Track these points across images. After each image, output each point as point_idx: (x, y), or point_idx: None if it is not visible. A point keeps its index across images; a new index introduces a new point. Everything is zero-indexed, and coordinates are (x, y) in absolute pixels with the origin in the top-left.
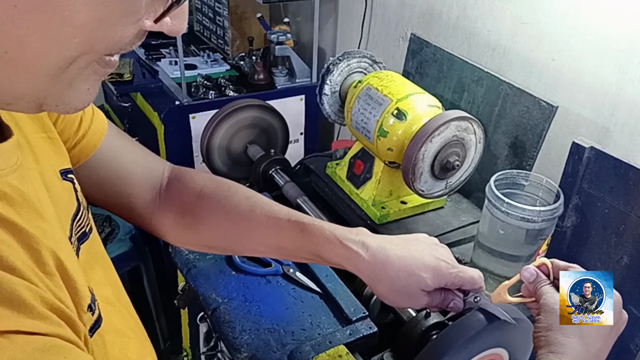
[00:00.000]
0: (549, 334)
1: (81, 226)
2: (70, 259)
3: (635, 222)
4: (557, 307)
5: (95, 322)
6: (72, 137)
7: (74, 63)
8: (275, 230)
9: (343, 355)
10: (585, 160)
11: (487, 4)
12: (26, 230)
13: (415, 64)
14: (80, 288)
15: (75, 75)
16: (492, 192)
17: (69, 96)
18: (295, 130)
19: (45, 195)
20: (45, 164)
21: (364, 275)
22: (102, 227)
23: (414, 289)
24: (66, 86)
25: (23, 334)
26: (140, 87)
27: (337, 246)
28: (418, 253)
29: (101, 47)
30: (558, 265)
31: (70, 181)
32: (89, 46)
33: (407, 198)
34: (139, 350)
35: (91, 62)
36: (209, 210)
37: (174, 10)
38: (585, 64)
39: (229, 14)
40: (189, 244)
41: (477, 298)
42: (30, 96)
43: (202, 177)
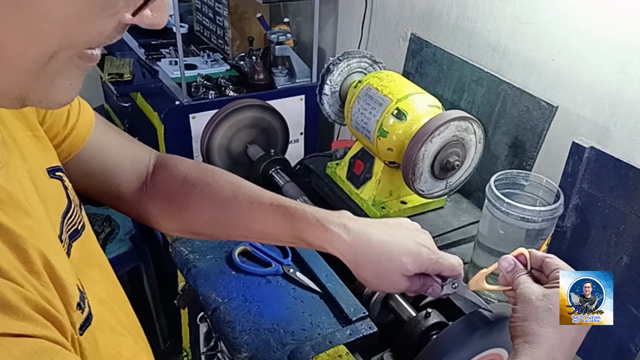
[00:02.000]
0: (525, 324)
1: (72, 224)
2: (59, 258)
3: (635, 222)
4: (534, 297)
5: (86, 320)
6: (60, 131)
7: (54, 58)
8: (259, 215)
9: (343, 355)
10: (585, 160)
11: (487, 4)
12: (12, 230)
13: (415, 64)
14: (68, 286)
15: (57, 71)
16: (492, 192)
17: (51, 92)
18: (295, 130)
19: (33, 194)
20: (33, 162)
21: (345, 258)
22: (102, 227)
23: (394, 274)
24: (48, 82)
25: (10, 336)
26: (140, 87)
27: (319, 229)
28: (400, 238)
29: (80, 42)
30: (535, 256)
31: (59, 179)
32: (68, 41)
33: (407, 198)
34: (133, 347)
35: (72, 57)
36: (194, 197)
37: (154, 3)
38: (585, 64)
39: (229, 14)
40: (176, 231)
41: (455, 285)
42: (12, 92)
43: (186, 165)
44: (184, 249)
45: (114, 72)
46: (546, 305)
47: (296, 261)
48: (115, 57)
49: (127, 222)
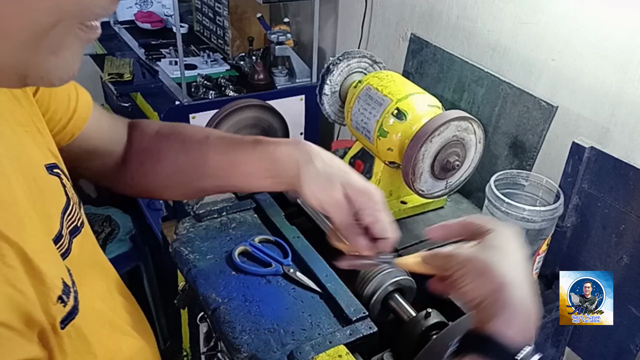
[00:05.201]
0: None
1: (72, 220)
2: (42, 250)
3: (635, 222)
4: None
5: (69, 314)
6: (64, 115)
7: (54, 30)
8: (230, 151)
9: (343, 355)
10: (585, 160)
11: (487, 4)
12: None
13: (415, 64)
14: (47, 280)
15: (58, 43)
16: (492, 192)
17: (53, 66)
18: (295, 130)
19: (20, 188)
20: (34, 156)
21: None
22: (102, 227)
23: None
24: (49, 55)
25: None
26: (140, 87)
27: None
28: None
29: (75, 11)
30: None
31: (56, 176)
32: (60, 10)
33: (407, 198)
34: (136, 343)
35: (72, 28)
36: (166, 148)
37: None
38: (585, 64)
39: (229, 14)
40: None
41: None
42: (11, 68)
43: (157, 123)
44: (184, 249)
45: (114, 72)
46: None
47: (296, 261)
48: (115, 57)
49: (127, 222)
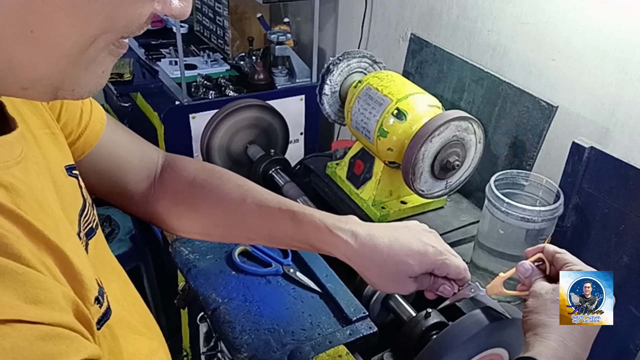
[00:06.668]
0: (534, 317)
1: (88, 222)
2: (77, 252)
3: (635, 222)
4: (543, 291)
5: (104, 315)
6: (75, 129)
7: (94, 44)
8: (266, 219)
9: (343, 355)
10: (585, 160)
11: (487, 4)
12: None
13: (415, 64)
14: (86, 280)
15: (93, 57)
16: (492, 192)
17: (85, 79)
18: (295, 130)
19: (50, 190)
20: (51, 159)
21: (353, 263)
22: (102, 227)
23: (401, 276)
24: (83, 68)
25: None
26: (140, 87)
27: (327, 234)
28: (406, 240)
29: (121, 26)
30: (548, 250)
31: (75, 177)
32: (111, 24)
33: (407, 198)
34: (150, 345)
35: (109, 43)
36: (202, 199)
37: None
38: (585, 64)
39: (229, 14)
40: (183, 232)
41: (472, 288)
42: (48, 79)
43: (194, 166)
44: (184, 249)
45: (114, 72)
46: (554, 297)
47: (296, 261)
48: None
49: (127, 222)
